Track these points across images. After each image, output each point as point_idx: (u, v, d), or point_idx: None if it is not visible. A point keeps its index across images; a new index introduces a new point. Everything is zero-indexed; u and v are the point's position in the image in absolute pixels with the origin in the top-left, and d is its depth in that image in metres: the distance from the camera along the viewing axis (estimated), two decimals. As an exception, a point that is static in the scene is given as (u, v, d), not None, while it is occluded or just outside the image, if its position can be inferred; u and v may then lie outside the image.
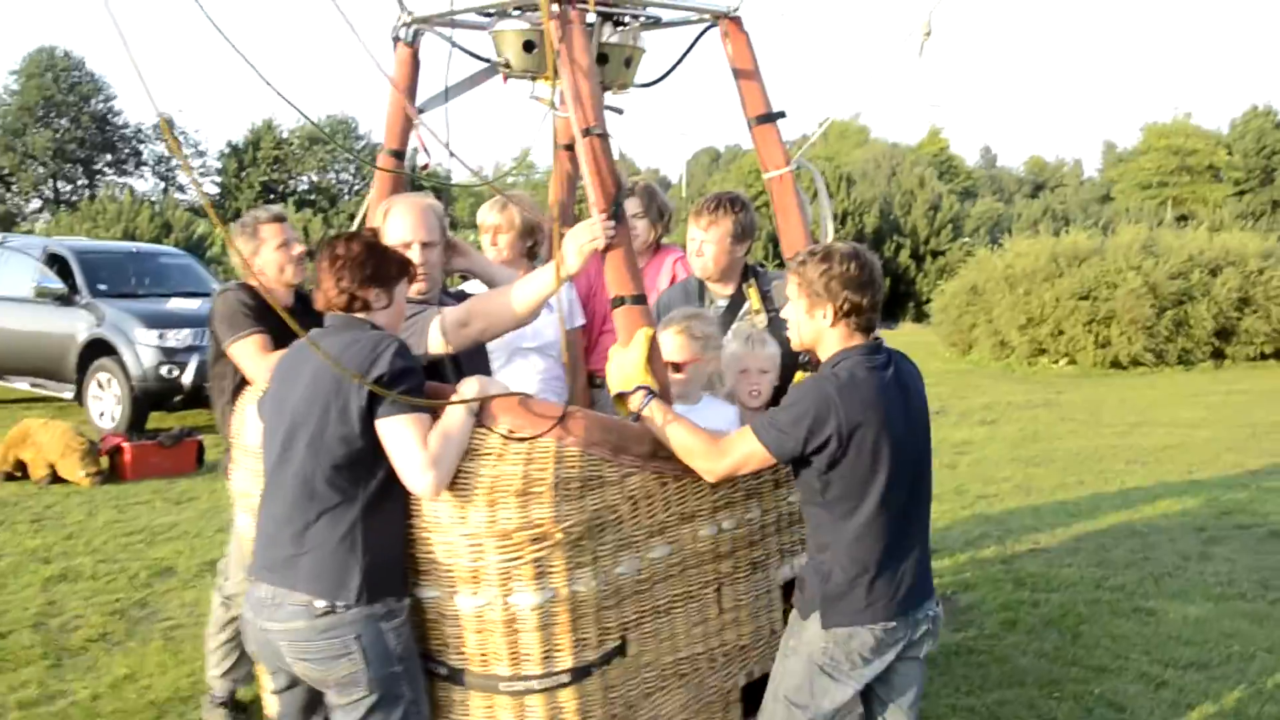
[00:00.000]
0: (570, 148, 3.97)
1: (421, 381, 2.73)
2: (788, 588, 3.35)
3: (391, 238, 3.20)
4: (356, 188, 49.86)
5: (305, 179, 50.97)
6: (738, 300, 4.04)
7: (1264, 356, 18.81)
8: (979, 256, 21.33)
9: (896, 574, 2.79)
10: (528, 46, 3.41)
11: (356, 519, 2.68)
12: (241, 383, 3.70)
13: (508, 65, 3.48)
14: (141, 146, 56.71)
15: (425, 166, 3.96)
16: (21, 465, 8.77)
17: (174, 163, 57.59)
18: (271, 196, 46.40)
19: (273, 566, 2.72)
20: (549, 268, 2.99)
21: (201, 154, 56.46)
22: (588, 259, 3.00)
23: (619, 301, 3.02)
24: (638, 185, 4.62)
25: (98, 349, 11.08)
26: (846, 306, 2.77)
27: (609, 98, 3.56)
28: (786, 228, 3.66)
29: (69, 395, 11.55)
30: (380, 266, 2.82)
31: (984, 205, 32.81)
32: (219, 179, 51.94)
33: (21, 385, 12.23)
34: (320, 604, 2.64)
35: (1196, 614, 5.54)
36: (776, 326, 3.86)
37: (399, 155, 3.68)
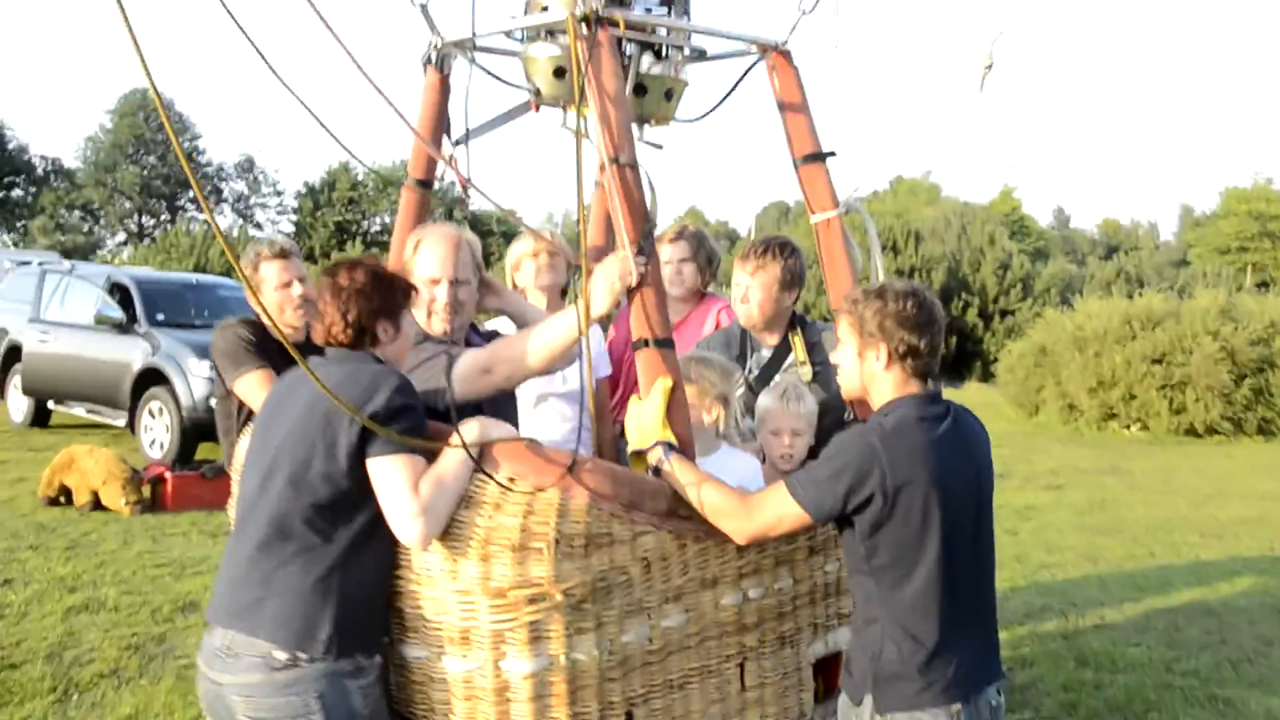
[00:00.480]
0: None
1: (421, 422, 2.53)
2: (820, 666, 3.06)
3: (421, 273, 3.03)
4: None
5: (378, 220, 51.80)
6: (783, 351, 3.81)
7: (1349, 428, 17.93)
8: (1048, 317, 20.76)
9: (957, 651, 2.48)
10: (559, 73, 3.22)
11: (334, 564, 2.46)
12: (248, 417, 3.53)
13: (538, 93, 3.29)
14: (222, 184, 58.41)
15: (463, 202, 3.77)
16: (66, 491, 8.76)
17: (253, 200, 59.20)
18: (345, 237, 47.21)
19: (235, 611, 2.50)
20: (574, 309, 2.77)
21: (279, 193, 57.99)
22: (617, 297, 2.78)
23: (641, 344, 2.80)
24: (687, 229, 4.40)
25: (152, 378, 11.12)
26: (902, 349, 2.52)
27: (649, 132, 3.39)
28: (834, 275, 3.40)
29: (121, 423, 11.60)
30: (387, 296, 2.63)
31: (1055, 266, 32.15)
32: (295, 218, 53.05)
33: (78, 411, 12.34)
34: (281, 655, 2.41)
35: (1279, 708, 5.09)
36: (823, 380, 3.62)
37: (425, 185, 3.51)
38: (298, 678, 2.41)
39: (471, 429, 2.55)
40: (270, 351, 3.57)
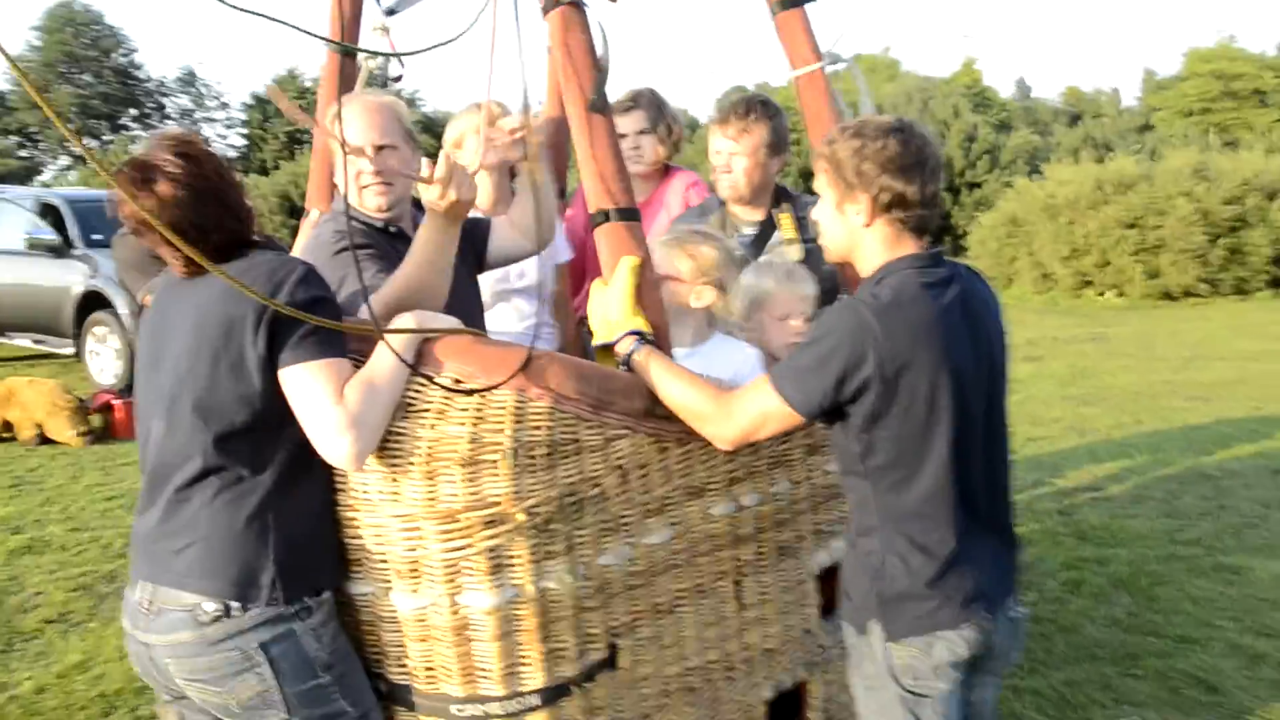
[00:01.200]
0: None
1: (338, 316, 2.12)
2: (824, 576, 2.72)
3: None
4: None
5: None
6: (768, 228, 3.37)
7: (1325, 284, 17.84)
8: (1019, 186, 20.37)
9: (973, 559, 2.10)
10: None
11: (267, 496, 2.09)
12: None
13: None
14: (165, 100, 56.44)
15: (399, 78, 3.32)
16: (9, 426, 8.30)
17: (198, 115, 57.32)
18: (295, 147, 45.89)
19: (157, 561, 2.12)
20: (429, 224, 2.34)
21: (225, 105, 56.11)
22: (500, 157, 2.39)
23: (601, 217, 2.40)
24: (642, 94, 3.88)
25: (94, 302, 10.56)
26: (886, 197, 2.07)
27: None
28: (820, 139, 2.97)
29: (69, 351, 11.06)
30: (221, 175, 2.15)
31: (1020, 137, 31.49)
32: (244, 130, 51.47)
33: (23, 342, 11.77)
34: (210, 606, 2.05)
35: (1288, 572, 4.89)
36: (814, 260, 3.19)
37: (346, 51, 3.06)
38: (232, 629, 2.05)
39: (406, 320, 2.16)
40: None
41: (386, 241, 2.62)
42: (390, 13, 3.12)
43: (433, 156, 2.80)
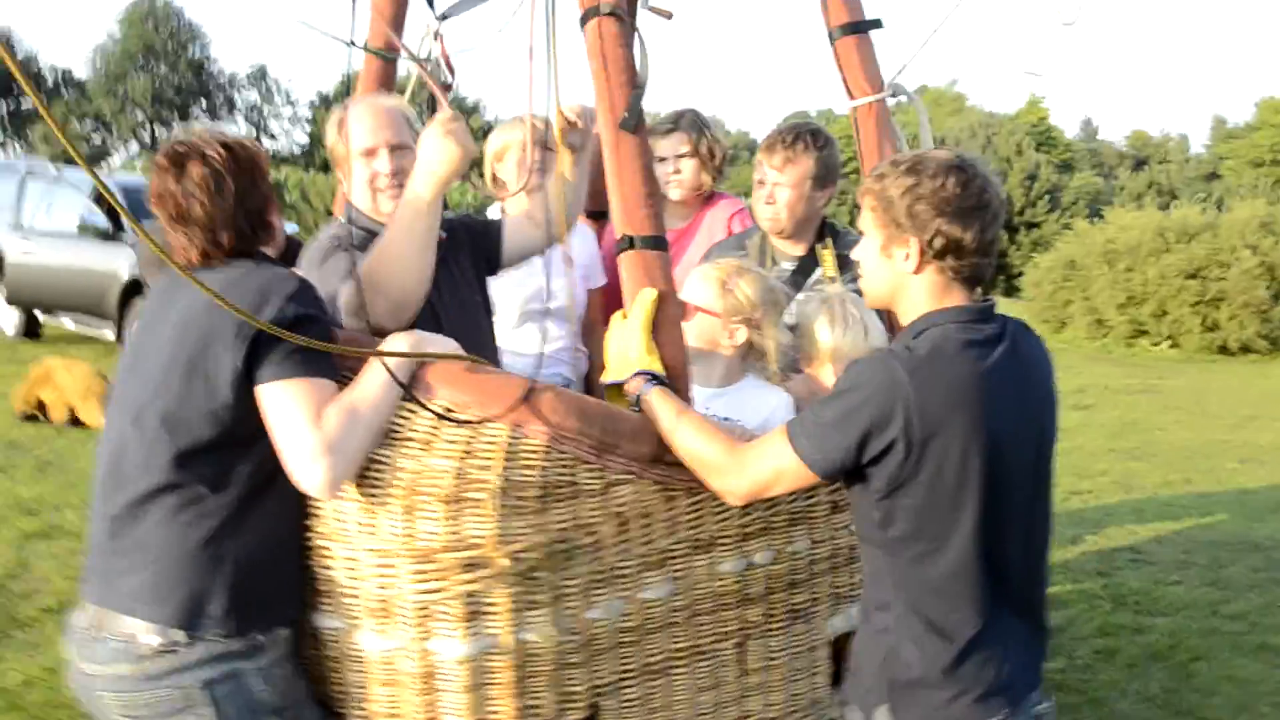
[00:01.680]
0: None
1: (328, 335, 2.00)
2: (839, 644, 2.53)
3: (355, 146, 2.45)
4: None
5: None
6: (809, 263, 3.18)
7: (1390, 347, 17.28)
8: (1078, 229, 20.01)
9: (997, 648, 1.89)
10: None
11: (226, 520, 1.95)
12: None
13: None
14: (235, 94, 57.50)
15: (449, 88, 3.19)
16: (43, 406, 8.33)
17: (266, 111, 58.23)
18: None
19: (104, 582, 1.99)
20: (417, 171, 2.23)
21: (292, 103, 57.01)
22: (460, 162, 2.21)
23: (626, 244, 2.25)
24: (683, 116, 3.69)
25: (139, 288, 10.60)
26: (940, 243, 1.86)
27: None
28: None
29: (111, 335, 11.13)
30: (261, 173, 2.06)
31: (1083, 178, 31.11)
32: (309, 128, 52.25)
33: (66, 323, 11.87)
34: (152, 639, 1.91)
35: (1338, 655, 4.62)
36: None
37: (385, 56, 2.94)
38: (173, 665, 1.91)
39: (400, 344, 2.02)
40: None
41: None
42: (444, 17, 2.96)
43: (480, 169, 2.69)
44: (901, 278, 1.93)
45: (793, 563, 2.38)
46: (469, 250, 2.65)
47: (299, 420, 1.88)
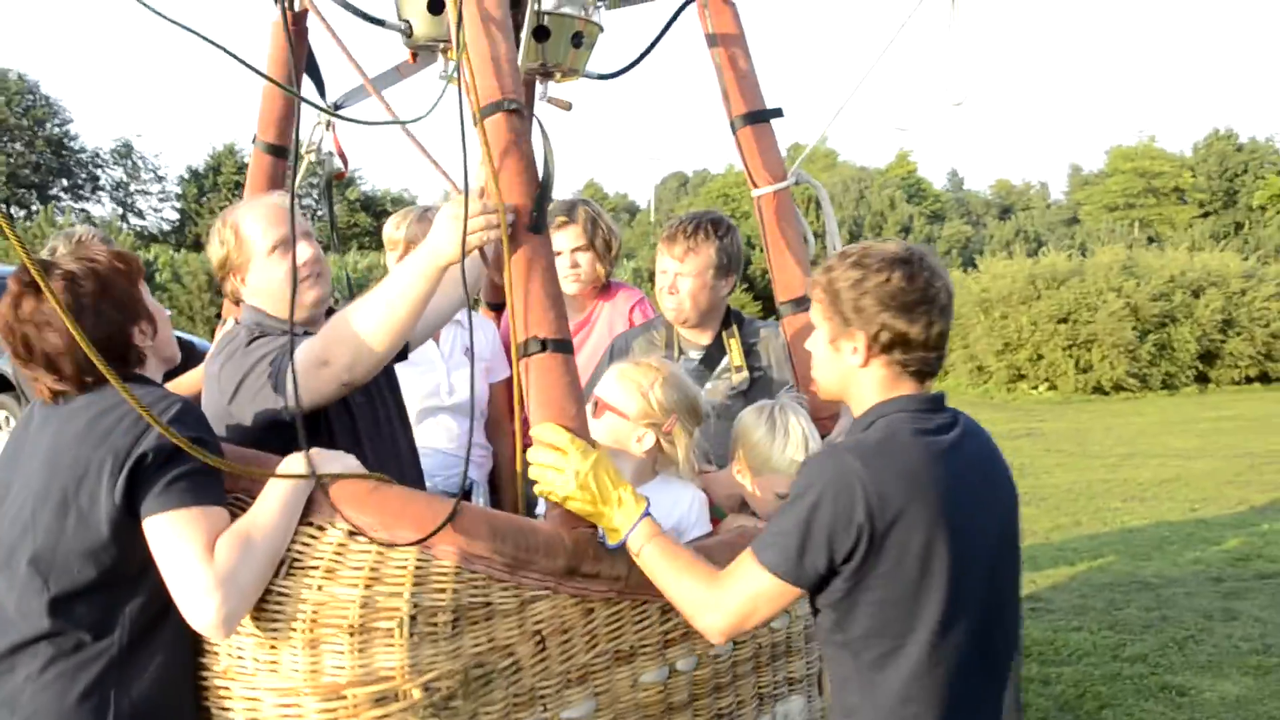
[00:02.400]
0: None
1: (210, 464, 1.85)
2: None
3: (260, 246, 2.33)
4: (320, 213, 49.04)
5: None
6: (716, 352, 3.15)
7: (1249, 380, 18.28)
8: (953, 279, 20.69)
9: None
10: (434, 6, 2.55)
11: (108, 668, 1.81)
12: None
13: (409, 31, 2.63)
14: (99, 172, 55.73)
15: (341, 175, 3.12)
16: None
17: (133, 188, 56.58)
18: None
19: None
20: (423, 249, 2.12)
21: (160, 179, 55.51)
22: (477, 245, 2.14)
23: (537, 346, 2.13)
24: (576, 209, 3.60)
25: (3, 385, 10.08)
26: (886, 337, 1.85)
27: (553, 88, 2.79)
28: (782, 261, 2.79)
29: (-29, 436, 10.54)
30: (129, 283, 1.95)
31: (953, 227, 32.27)
32: (179, 205, 50.90)
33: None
34: None
35: (1235, 693, 4.75)
36: (759, 390, 3.00)
37: (277, 151, 2.85)
38: None
39: (295, 463, 1.91)
40: None
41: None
42: (337, 107, 2.92)
43: (372, 234, 2.59)
44: (850, 371, 1.90)
45: (715, 666, 2.33)
46: None
47: (188, 554, 1.76)
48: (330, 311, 2.44)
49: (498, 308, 3.55)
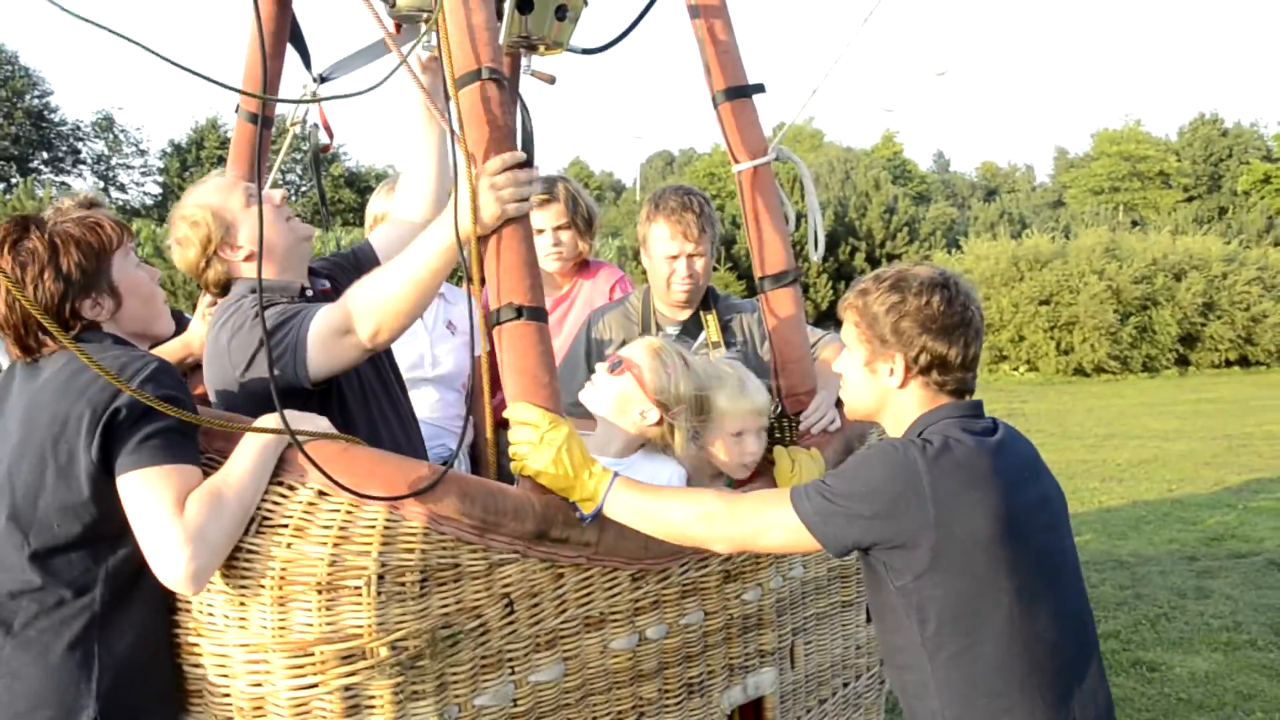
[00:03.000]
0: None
1: (184, 421, 1.84)
2: (743, 714, 2.48)
3: (234, 204, 2.32)
4: (304, 188, 48.68)
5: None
6: (692, 328, 3.15)
7: (1228, 363, 18.41)
8: (937, 260, 20.75)
9: None
10: None
11: (91, 623, 1.81)
12: None
13: (393, 2, 2.60)
14: (80, 144, 55.15)
15: (326, 148, 3.09)
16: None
17: (114, 161, 56.03)
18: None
19: None
20: (441, 221, 2.11)
21: (143, 152, 55.00)
22: (504, 218, 2.12)
23: (512, 313, 2.10)
24: (557, 186, 3.57)
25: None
26: (925, 359, 1.90)
27: (536, 61, 2.75)
28: (762, 236, 2.78)
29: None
30: (84, 257, 1.92)
31: (938, 209, 32.28)
32: (161, 179, 50.47)
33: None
34: None
35: (1205, 668, 4.81)
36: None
37: (261, 121, 2.82)
38: None
39: (268, 422, 1.90)
40: None
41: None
42: (322, 79, 2.88)
43: (356, 210, 2.58)
44: (887, 392, 1.95)
45: (685, 635, 2.33)
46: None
47: (159, 510, 1.75)
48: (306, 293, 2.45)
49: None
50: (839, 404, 2.66)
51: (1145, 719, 4.29)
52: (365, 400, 2.34)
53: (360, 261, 2.61)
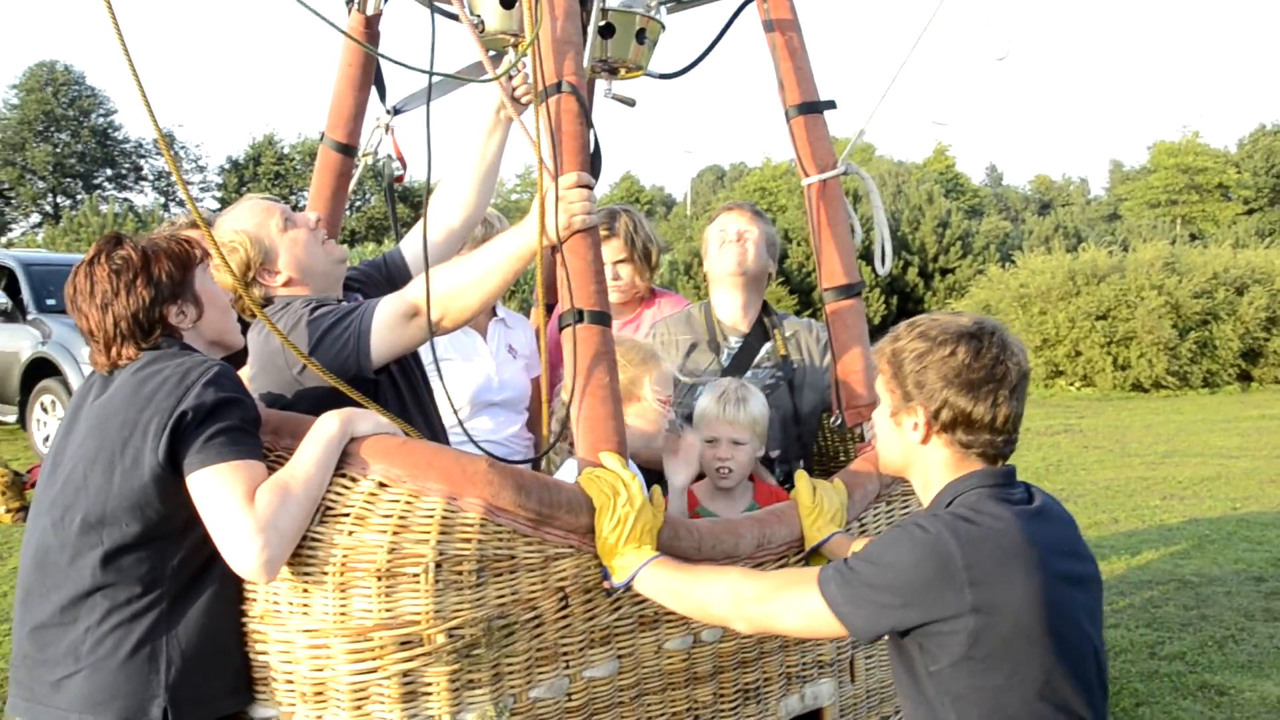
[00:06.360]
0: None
1: (251, 417, 1.94)
2: None
3: (272, 229, 2.41)
4: (358, 203, 49.29)
5: (306, 195, 50.25)
6: (755, 340, 3.18)
7: (1293, 379, 17.91)
8: (991, 274, 20.48)
9: None
10: (506, 1, 2.60)
11: (160, 618, 1.89)
12: None
13: (482, 25, 2.66)
14: (142, 161, 56.38)
15: (400, 179, 3.17)
16: (-58, 494, 7.92)
17: (174, 178, 57.08)
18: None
19: (35, 695, 1.90)
20: (522, 226, 2.21)
21: (201, 169, 56.14)
22: (570, 230, 2.21)
23: (573, 317, 2.18)
24: (616, 218, 3.60)
25: (42, 369, 10.21)
26: (947, 415, 1.76)
27: (616, 85, 2.86)
28: (828, 250, 2.80)
29: (12, 419, 10.68)
30: (174, 267, 2.03)
31: (991, 223, 31.87)
32: (219, 194, 51.47)
33: (-33, 408, 11.36)
34: None
35: (1277, 694, 4.65)
36: (800, 377, 3.12)
37: (345, 149, 2.91)
38: None
39: (331, 421, 1.96)
40: None
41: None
42: (396, 112, 3.00)
43: (409, 225, 2.69)
44: (911, 448, 1.83)
45: (741, 641, 2.33)
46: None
47: (230, 504, 1.82)
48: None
49: (552, 308, 3.59)
50: None
51: (1212, 741, 4.17)
52: (401, 403, 2.40)
53: (390, 270, 2.71)
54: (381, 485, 1.90)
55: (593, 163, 2.30)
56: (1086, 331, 17.31)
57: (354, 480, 1.91)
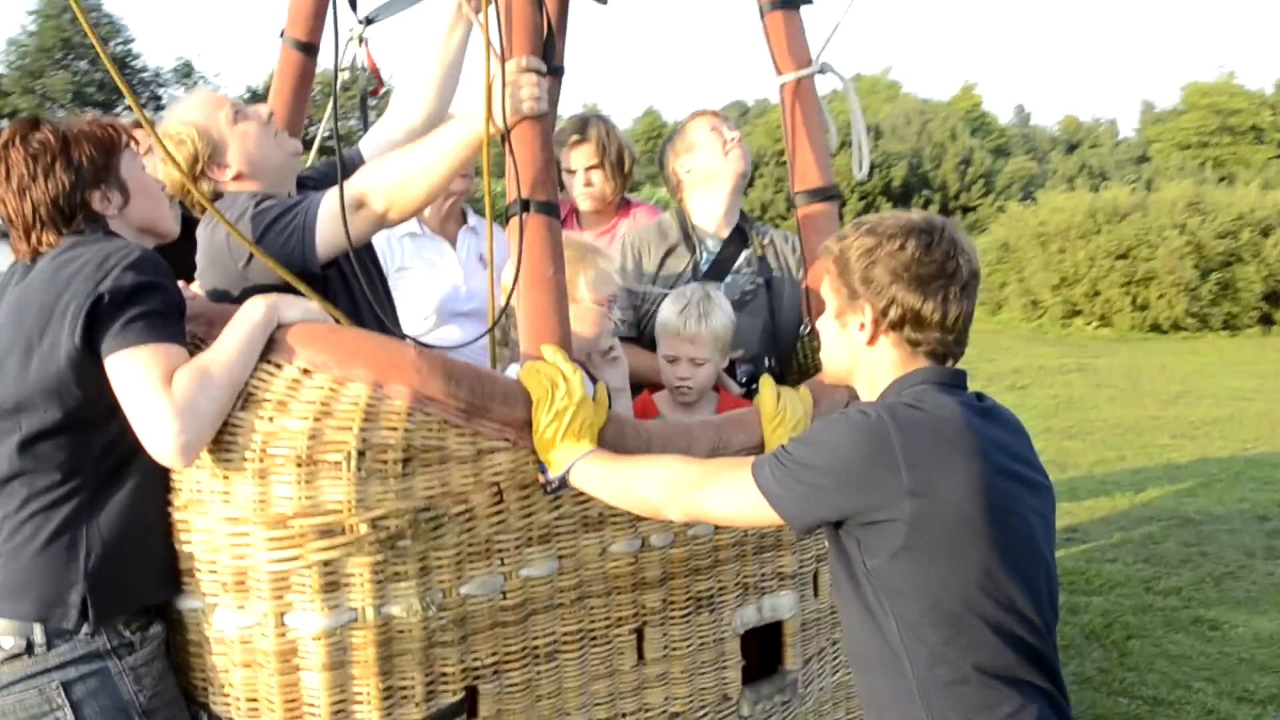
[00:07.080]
0: None
1: (173, 302, 1.87)
2: (752, 636, 2.37)
3: (220, 121, 2.30)
4: (360, 132, 48.90)
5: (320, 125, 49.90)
6: (734, 246, 3.06)
7: (1316, 323, 17.59)
8: (1011, 212, 20.15)
9: None
10: None
11: (80, 506, 1.84)
12: None
13: None
14: (160, 90, 56.19)
15: (376, 90, 3.06)
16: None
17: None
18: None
19: None
20: (468, 113, 2.09)
21: (221, 98, 55.94)
22: (519, 117, 2.09)
23: (518, 207, 2.08)
24: (589, 124, 3.49)
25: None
26: (896, 312, 1.67)
27: None
28: (802, 151, 2.65)
29: None
30: (95, 151, 1.94)
31: (1016, 163, 31.39)
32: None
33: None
34: (5, 639, 1.79)
35: (1271, 629, 4.59)
36: (776, 291, 3.01)
37: (306, 48, 2.82)
38: (32, 668, 1.79)
39: (256, 306, 1.88)
40: None
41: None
42: (368, 21, 2.89)
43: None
44: (857, 350, 1.73)
45: (693, 547, 2.24)
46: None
47: (147, 386, 1.75)
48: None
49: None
50: None
51: (1203, 678, 4.09)
52: (352, 301, 2.29)
53: (349, 170, 2.57)
54: (305, 372, 1.82)
55: (545, 50, 2.16)
56: (1106, 271, 17.03)
57: (278, 366, 1.83)
